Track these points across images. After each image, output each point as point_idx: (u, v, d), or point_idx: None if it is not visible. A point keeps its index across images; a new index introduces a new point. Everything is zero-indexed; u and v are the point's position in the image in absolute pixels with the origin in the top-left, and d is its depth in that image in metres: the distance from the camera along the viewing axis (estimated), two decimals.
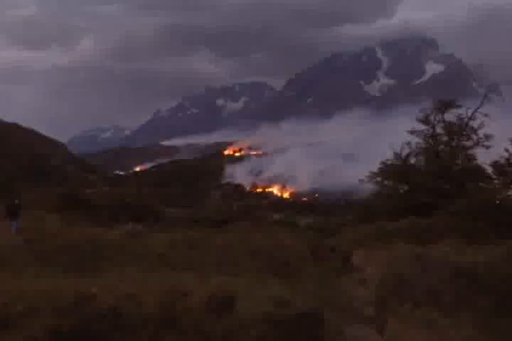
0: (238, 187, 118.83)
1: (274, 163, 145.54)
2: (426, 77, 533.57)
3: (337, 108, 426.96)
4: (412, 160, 22.97)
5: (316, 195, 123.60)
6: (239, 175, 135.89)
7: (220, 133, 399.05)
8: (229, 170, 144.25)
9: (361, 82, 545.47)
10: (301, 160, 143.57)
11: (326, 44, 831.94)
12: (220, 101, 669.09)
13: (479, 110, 22.41)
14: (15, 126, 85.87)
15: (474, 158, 21.93)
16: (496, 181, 19.45)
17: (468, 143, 22.30)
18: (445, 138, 22.73)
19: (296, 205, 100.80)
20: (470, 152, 22.14)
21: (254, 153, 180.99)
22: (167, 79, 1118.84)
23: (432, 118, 22.78)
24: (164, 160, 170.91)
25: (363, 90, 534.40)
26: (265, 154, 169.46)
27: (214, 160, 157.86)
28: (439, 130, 22.72)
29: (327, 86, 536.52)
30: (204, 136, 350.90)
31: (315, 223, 27.91)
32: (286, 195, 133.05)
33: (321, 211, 79.75)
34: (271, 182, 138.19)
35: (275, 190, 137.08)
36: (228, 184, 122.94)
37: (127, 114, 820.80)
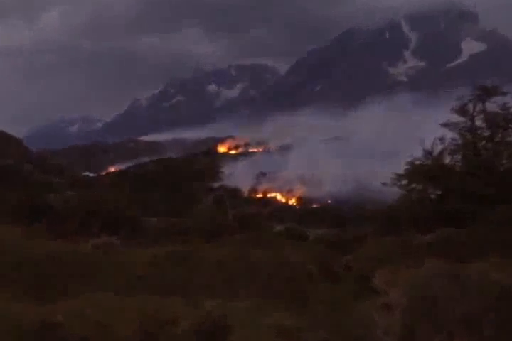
0: (234, 192, 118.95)
1: (278, 163, 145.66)
2: (463, 58, 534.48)
3: (354, 96, 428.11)
4: (446, 159, 22.97)
5: (329, 202, 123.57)
6: (235, 177, 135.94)
7: (212, 126, 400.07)
8: (223, 171, 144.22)
9: (384, 64, 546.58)
10: (311, 159, 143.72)
11: (342, 18, 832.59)
12: (211, 88, 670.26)
13: None
14: None
15: None
16: None
17: None
18: (487, 133, 22.75)
19: (304, 214, 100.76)
20: None
21: (255, 150, 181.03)
22: (148, 61, 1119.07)
23: (470, 108, 22.81)
24: (144, 159, 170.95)
25: (387, 74, 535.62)
26: (268, 152, 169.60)
27: (205, 159, 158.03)
28: (479, 122, 22.74)
29: (342, 69, 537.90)
30: (193, 130, 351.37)
31: (327, 235, 27.95)
32: (292, 202, 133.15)
33: (335, 221, 79.67)
34: (274, 186, 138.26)
35: (279, 195, 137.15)
36: (222, 188, 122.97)
37: (99, 102, 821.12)
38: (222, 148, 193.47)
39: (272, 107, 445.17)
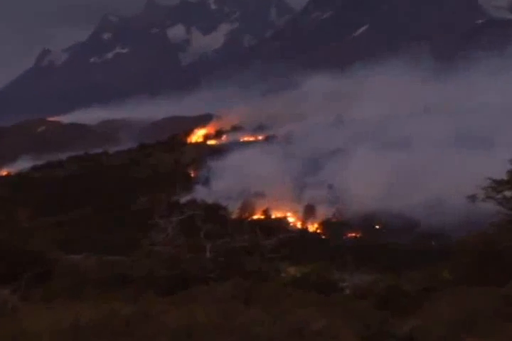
0: (215, 211, 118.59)
1: (291, 161, 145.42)
2: None
3: (423, 44, 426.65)
4: None
5: (377, 228, 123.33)
6: (217, 185, 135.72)
7: (177, 97, 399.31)
8: (197, 174, 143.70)
9: None
10: (347, 152, 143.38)
11: None
12: (176, 32, 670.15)
13: None
14: None
15: None
16: None
17: None
18: None
19: (335, 248, 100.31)
20: None
21: (251, 138, 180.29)
22: None
23: None
24: (61, 155, 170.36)
25: (476, 7, 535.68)
26: (272, 141, 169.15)
27: (166, 154, 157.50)
28: None
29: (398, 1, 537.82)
30: (144, 104, 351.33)
31: (374, 285, 27.92)
32: (314, 227, 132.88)
33: (387, 260, 79.62)
34: (283, 201, 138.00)
35: (292, 216, 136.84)
36: (195, 204, 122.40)
37: None
38: (195, 136, 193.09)
39: (280, 66, 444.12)
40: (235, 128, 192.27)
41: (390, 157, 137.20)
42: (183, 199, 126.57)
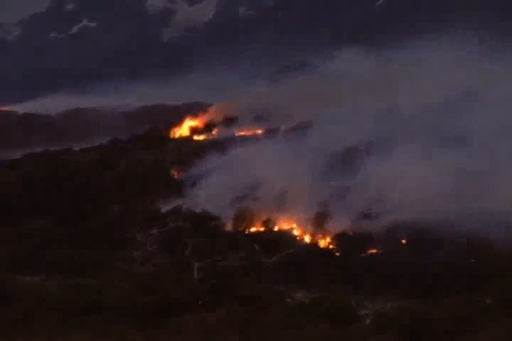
0: (205, 222, 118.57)
1: (297, 160, 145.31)
2: None
3: (470, 12, 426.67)
4: None
5: (403, 242, 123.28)
6: (207, 190, 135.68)
7: (157, 81, 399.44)
8: (183, 176, 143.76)
9: None
10: (370, 149, 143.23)
11: None
12: (155, 2, 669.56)
13: None
14: None
15: None
16: None
17: None
18: None
19: (353, 267, 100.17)
20: None
21: (249, 133, 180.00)
22: None
23: None
24: (15, 152, 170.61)
25: None
26: (277, 135, 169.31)
27: (143, 150, 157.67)
28: None
29: None
30: (117, 91, 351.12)
31: (399, 313, 28.13)
32: (325, 242, 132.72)
33: (416, 282, 79.89)
34: (288, 210, 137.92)
35: (298, 228, 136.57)
36: (180, 213, 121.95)
37: None
38: (180, 129, 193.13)
39: (291, 40, 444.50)
40: (231, 120, 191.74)
41: (436, 155, 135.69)
42: (166, 207, 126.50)
